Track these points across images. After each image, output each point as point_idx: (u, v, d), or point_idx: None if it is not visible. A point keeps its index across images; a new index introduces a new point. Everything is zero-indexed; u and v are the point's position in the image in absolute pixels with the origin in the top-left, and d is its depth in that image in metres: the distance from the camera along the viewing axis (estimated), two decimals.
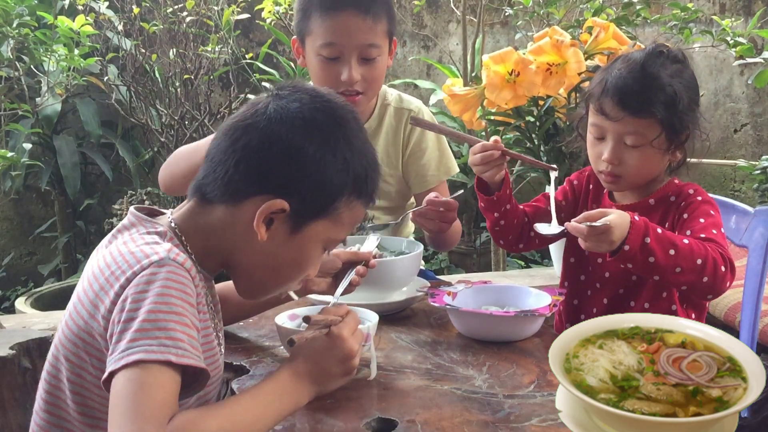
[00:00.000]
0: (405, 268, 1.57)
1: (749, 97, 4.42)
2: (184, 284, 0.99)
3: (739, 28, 3.15)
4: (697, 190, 1.51)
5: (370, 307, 1.32)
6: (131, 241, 1.05)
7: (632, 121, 1.44)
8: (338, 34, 1.73)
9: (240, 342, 1.40)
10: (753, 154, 4.35)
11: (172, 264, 0.99)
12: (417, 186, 1.96)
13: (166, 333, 0.92)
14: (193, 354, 0.94)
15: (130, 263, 1.00)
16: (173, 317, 0.94)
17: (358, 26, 1.73)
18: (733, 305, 2.21)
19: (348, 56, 1.75)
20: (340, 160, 1.07)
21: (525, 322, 1.39)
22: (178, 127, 3.41)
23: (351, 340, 1.08)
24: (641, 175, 1.51)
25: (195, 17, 3.41)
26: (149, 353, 0.90)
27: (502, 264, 3.02)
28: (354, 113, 1.14)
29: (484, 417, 1.07)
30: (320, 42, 1.75)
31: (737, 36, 2.75)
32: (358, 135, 1.11)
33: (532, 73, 2.19)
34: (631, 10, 2.78)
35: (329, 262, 1.37)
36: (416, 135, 1.95)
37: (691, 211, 1.47)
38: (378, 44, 1.77)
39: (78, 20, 2.88)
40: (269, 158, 1.05)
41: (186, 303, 0.97)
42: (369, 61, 1.77)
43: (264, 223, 1.06)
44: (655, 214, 1.51)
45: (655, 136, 1.44)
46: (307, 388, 1.04)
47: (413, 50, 4.06)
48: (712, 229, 1.41)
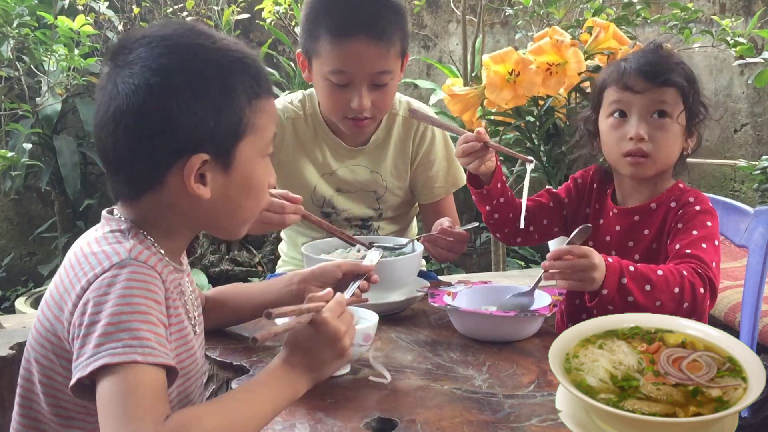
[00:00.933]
0: (405, 268, 1.57)
1: (749, 97, 4.42)
2: (148, 282, 0.97)
3: (739, 28, 3.15)
4: (698, 198, 1.48)
5: (370, 307, 1.32)
6: (95, 241, 1.04)
7: (659, 90, 1.44)
8: (348, 63, 1.64)
9: (240, 342, 1.40)
10: (753, 154, 4.35)
11: (134, 264, 0.98)
12: (424, 197, 1.93)
13: (130, 334, 0.91)
14: (161, 352, 0.92)
15: (92, 264, 0.98)
16: (137, 317, 0.93)
17: (370, 54, 1.64)
18: (733, 305, 2.21)
19: (359, 84, 1.67)
20: (216, 86, 1.03)
21: (525, 322, 1.39)
22: None
23: (335, 322, 1.06)
24: (667, 156, 1.47)
25: (195, 17, 3.41)
26: (114, 356, 0.89)
27: (502, 264, 3.02)
28: (196, 28, 1.07)
29: (484, 417, 1.07)
30: (329, 68, 1.66)
31: (737, 36, 2.75)
32: (214, 46, 1.05)
33: (532, 73, 2.19)
34: (631, 10, 2.78)
35: (330, 273, 1.36)
36: (425, 146, 1.90)
37: (686, 221, 1.44)
38: (390, 70, 1.69)
39: (78, 20, 2.88)
40: (155, 131, 1.00)
41: (151, 301, 0.96)
42: (380, 86, 1.70)
43: (199, 183, 1.03)
44: (655, 219, 1.49)
45: (680, 109, 1.44)
46: (303, 377, 1.03)
47: (413, 50, 4.06)
48: (701, 243, 1.39)
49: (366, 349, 1.24)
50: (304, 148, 1.86)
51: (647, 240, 1.49)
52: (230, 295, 1.43)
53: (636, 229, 1.50)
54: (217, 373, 1.35)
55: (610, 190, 1.57)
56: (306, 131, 1.87)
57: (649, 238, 1.49)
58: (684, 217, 1.45)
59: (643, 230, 1.50)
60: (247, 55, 1.07)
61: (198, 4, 3.42)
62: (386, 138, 1.88)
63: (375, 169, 1.88)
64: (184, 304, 1.11)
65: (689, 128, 1.48)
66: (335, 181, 1.88)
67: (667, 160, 1.48)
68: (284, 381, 1.01)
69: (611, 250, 1.52)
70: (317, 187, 1.87)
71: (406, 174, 1.91)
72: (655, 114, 1.44)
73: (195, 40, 1.04)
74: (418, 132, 1.89)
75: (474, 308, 1.43)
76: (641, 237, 1.50)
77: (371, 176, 1.88)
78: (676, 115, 1.44)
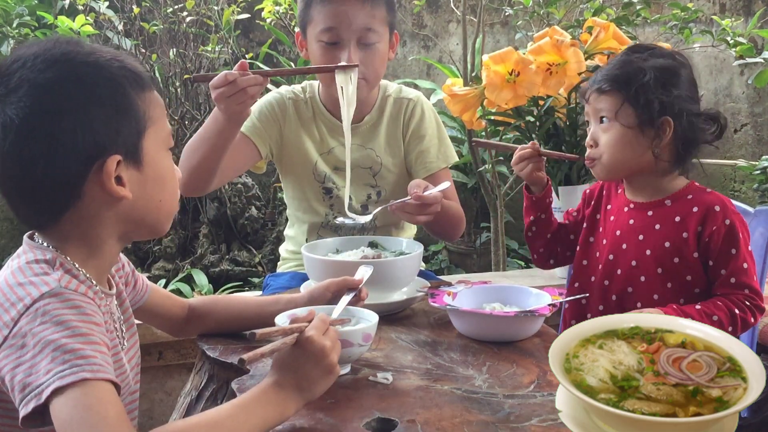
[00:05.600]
0: (405, 268, 1.57)
1: (749, 97, 4.41)
2: (83, 307, 0.96)
3: (739, 28, 3.15)
4: (723, 208, 1.50)
5: (370, 307, 1.32)
6: (19, 271, 1.01)
7: (597, 97, 1.55)
8: (337, 19, 1.80)
9: (240, 342, 1.39)
10: (753, 154, 4.34)
11: (65, 292, 0.97)
12: (419, 172, 1.97)
13: (74, 354, 0.90)
14: (107, 369, 0.92)
15: (20, 296, 0.96)
16: (79, 339, 0.92)
17: (356, 11, 1.80)
18: None
19: (347, 40, 1.81)
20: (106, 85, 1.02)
21: (525, 322, 1.39)
22: (178, 127, 3.41)
23: (321, 339, 1.07)
24: (616, 157, 1.54)
25: (195, 17, 3.41)
26: (63, 378, 0.88)
27: (502, 264, 3.02)
28: (61, 38, 1.07)
29: (484, 417, 1.07)
30: (320, 27, 1.82)
31: (737, 36, 2.75)
32: (84, 50, 1.04)
33: (532, 73, 2.19)
34: (631, 10, 2.79)
35: (319, 297, 1.38)
36: (415, 121, 1.98)
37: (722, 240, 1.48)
38: (376, 29, 1.83)
39: (78, 20, 2.88)
40: (62, 145, 0.99)
41: (89, 323, 0.95)
42: (368, 46, 1.82)
43: (119, 186, 1.03)
44: (672, 216, 1.54)
45: (617, 108, 1.52)
46: (292, 397, 1.04)
47: (413, 50, 4.06)
48: (743, 264, 1.47)
49: (366, 349, 1.24)
50: (304, 127, 1.97)
51: (658, 235, 1.54)
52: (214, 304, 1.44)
53: (648, 223, 1.56)
54: (218, 373, 1.35)
55: (621, 189, 1.65)
56: (305, 111, 1.98)
57: (660, 234, 1.54)
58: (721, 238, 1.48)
59: (654, 225, 1.55)
60: (119, 53, 1.08)
61: (198, 4, 3.41)
62: (379, 118, 1.98)
63: (369, 146, 1.96)
64: (115, 330, 1.11)
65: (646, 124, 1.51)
66: (332, 160, 1.97)
67: (620, 163, 1.55)
68: (273, 399, 1.02)
69: (621, 244, 1.57)
70: (317, 164, 1.97)
71: (399, 150, 1.98)
72: (600, 120, 1.56)
73: (66, 48, 1.03)
74: (408, 108, 1.99)
75: (474, 308, 1.43)
76: (652, 231, 1.55)
77: (365, 152, 1.96)
78: (617, 117, 1.52)
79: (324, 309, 1.29)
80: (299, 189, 2.01)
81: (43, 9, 3.19)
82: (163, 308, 1.36)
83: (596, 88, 1.55)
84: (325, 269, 1.53)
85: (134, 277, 1.28)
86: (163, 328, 1.41)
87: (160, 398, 2.40)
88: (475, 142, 2.11)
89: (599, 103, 1.55)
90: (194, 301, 1.42)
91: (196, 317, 1.40)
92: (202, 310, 1.41)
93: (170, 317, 1.38)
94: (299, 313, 1.27)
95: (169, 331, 1.42)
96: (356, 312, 1.30)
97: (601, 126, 1.56)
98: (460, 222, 1.97)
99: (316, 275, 1.57)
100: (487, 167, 2.94)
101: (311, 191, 1.98)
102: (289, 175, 2.02)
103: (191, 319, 1.40)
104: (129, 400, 1.14)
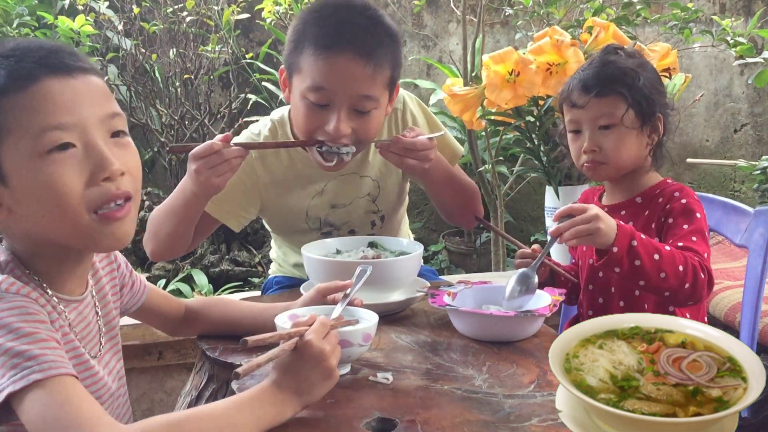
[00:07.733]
0: (405, 268, 1.57)
1: (749, 97, 4.41)
2: (26, 307, 0.95)
3: (739, 28, 3.15)
4: (682, 192, 1.54)
5: (370, 307, 1.32)
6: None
7: (598, 102, 1.52)
8: (330, 79, 1.51)
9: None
10: (753, 154, 4.34)
11: (5, 295, 0.95)
12: None
13: (22, 357, 0.90)
14: (62, 363, 0.92)
15: None
16: (24, 339, 0.91)
17: (354, 73, 1.51)
18: (733, 305, 2.21)
19: (338, 105, 1.53)
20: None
21: (525, 322, 1.39)
22: (178, 127, 3.41)
23: (320, 343, 1.07)
24: (622, 158, 1.54)
25: (195, 17, 3.41)
26: (16, 383, 0.88)
27: (502, 264, 3.02)
28: None
29: (484, 417, 1.07)
30: (308, 83, 1.53)
31: (737, 36, 2.75)
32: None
33: (532, 73, 2.19)
34: (631, 10, 2.78)
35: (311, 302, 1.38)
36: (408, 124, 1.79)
37: (675, 215, 1.50)
38: (375, 97, 1.56)
39: (78, 20, 2.89)
40: None
41: (34, 322, 0.94)
42: (362, 114, 1.57)
43: None
44: (640, 212, 1.56)
45: (622, 112, 1.51)
46: (290, 400, 1.04)
47: (413, 50, 4.06)
48: (692, 237, 1.46)
49: (366, 349, 1.24)
50: (283, 181, 1.77)
51: None
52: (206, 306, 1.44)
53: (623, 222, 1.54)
54: (217, 373, 1.35)
55: (597, 195, 1.68)
56: (279, 163, 1.76)
57: None
58: (672, 212, 1.51)
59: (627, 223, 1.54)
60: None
61: (198, 4, 3.41)
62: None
63: (364, 174, 1.82)
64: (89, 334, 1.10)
65: (645, 124, 1.53)
66: (327, 198, 1.81)
67: (625, 163, 1.56)
68: (270, 400, 1.03)
69: None
70: (309, 211, 1.80)
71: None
72: (601, 125, 1.53)
73: None
74: (398, 118, 1.81)
75: (474, 308, 1.43)
76: None
77: (361, 180, 1.83)
78: (620, 117, 1.51)
79: (324, 309, 1.29)
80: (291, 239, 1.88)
81: (43, 9, 3.20)
82: (160, 308, 1.37)
83: (595, 93, 1.52)
84: (325, 269, 1.53)
85: (132, 278, 1.28)
86: (160, 327, 1.41)
87: (160, 398, 2.40)
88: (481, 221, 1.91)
89: (600, 107, 1.52)
90: (191, 302, 1.43)
91: (192, 318, 1.41)
92: (198, 311, 1.41)
93: (167, 317, 1.39)
94: (300, 313, 1.27)
95: (166, 331, 1.43)
96: (356, 312, 1.30)
97: (603, 132, 1.53)
98: (475, 193, 1.85)
99: (316, 275, 1.57)
100: (487, 167, 2.94)
101: (307, 241, 1.68)
102: (278, 230, 1.90)
103: (188, 319, 1.41)
104: (115, 405, 1.14)
